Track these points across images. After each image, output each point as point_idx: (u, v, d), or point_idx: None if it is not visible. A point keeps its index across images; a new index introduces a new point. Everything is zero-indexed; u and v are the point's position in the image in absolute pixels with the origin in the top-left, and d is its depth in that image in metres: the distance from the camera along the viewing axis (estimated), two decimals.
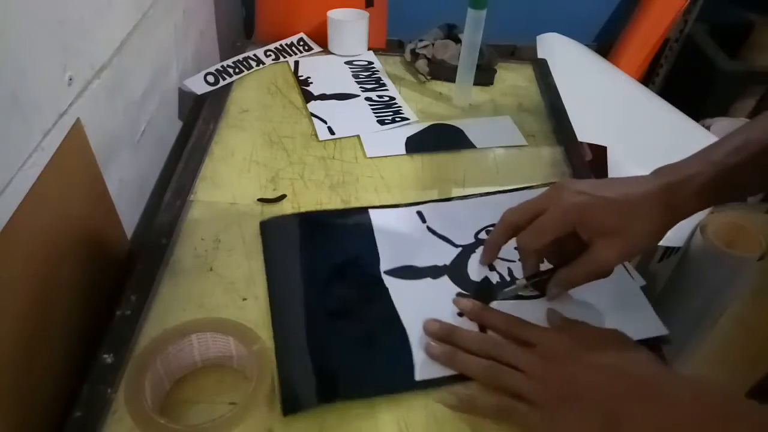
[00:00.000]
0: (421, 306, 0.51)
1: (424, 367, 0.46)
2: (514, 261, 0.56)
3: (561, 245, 0.50)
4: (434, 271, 0.56)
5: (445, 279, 0.55)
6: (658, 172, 0.48)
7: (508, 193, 0.65)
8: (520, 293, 0.52)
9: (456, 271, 0.56)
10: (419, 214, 0.62)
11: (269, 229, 0.58)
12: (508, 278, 0.55)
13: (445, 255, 0.57)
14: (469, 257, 0.57)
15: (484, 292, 0.53)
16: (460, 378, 0.46)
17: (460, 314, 0.51)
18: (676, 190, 0.46)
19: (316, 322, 0.49)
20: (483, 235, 0.59)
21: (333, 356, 0.47)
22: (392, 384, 0.45)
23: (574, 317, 0.50)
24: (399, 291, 0.53)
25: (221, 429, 0.37)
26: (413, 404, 0.44)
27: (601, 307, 0.51)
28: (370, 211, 0.61)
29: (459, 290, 0.53)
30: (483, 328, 0.50)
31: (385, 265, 0.56)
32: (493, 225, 0.59)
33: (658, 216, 0.46)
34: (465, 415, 0.44)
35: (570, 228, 0.48)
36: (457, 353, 0.46)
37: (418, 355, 0.47)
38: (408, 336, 0.49)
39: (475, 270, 0.56)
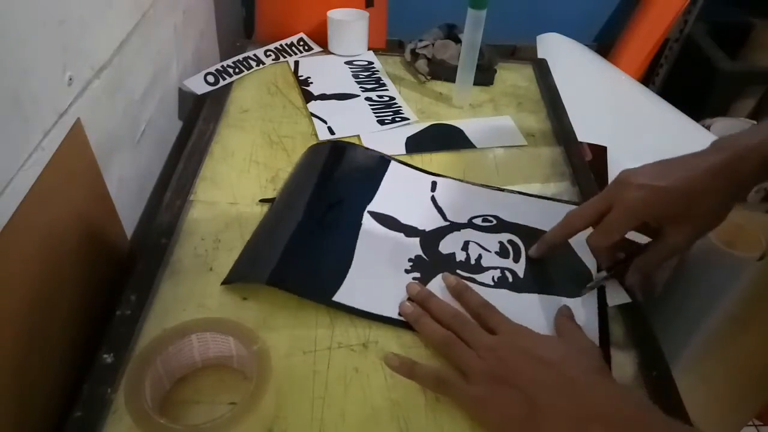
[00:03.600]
0: (379, 250, 0.56)
1: (343, 294, 0.51)
2: (489, 251, 0.57)
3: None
4: (410, 231, 0.59)
5: (415, 241, 0.58)
6: (718, 145, 0.48)
7: (533, 198, 0.65)
8: (602, 284, 0.54)
9: (430, 238, 0.58)
10: (433, 183, 0.65)
11: (309, 150, 0.67)
12: (473, 262, 0.56)
13: (430, 223, 0.60)
14: (449, 233, 0.59)
15: (444, 265, 0.55)
16: (373, 317, 0.50)
17: (408, 271, 0.54)
18: (739, 163, 0.46)
19: (292, 221, 0.56)
20: (478, 221, 0.61)
21: (285, 251, 0.53)
22: (312, 292, 0.50)
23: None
24: (369, 231, 0.58)
25: (221, 429, 0.37)
26: (413, 404, 0.45)
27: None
28: (392, 162, 0.66)
29: (421, 254, 0.56)
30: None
31: (372, 206, 0.60)
32: (491, 216, 0.61)
33: (723, 193, 0.47)
34: (464, 413, 0.44)
35: (638, 223, 0.50)
36: (423, 316, 0.49)
37: (347, 285, 0.52)
38: (351, 266, 0.54)
39: (448, 245, 0.58)
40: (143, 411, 0.38)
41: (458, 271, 0.55)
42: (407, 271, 0.54)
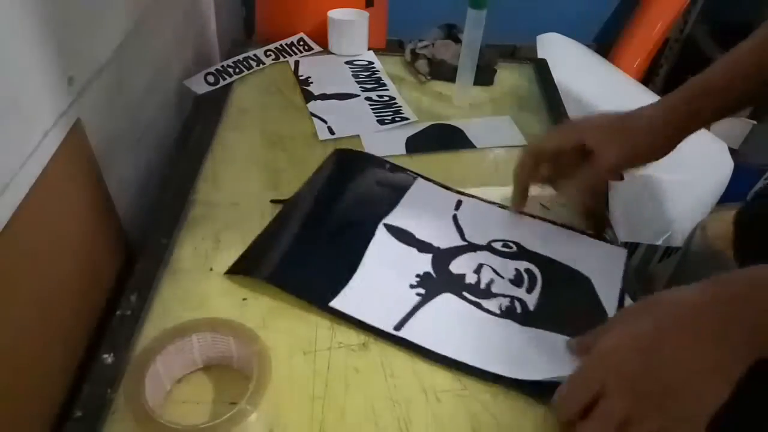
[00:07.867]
0: (387, 262, 0.55)
1: (341, 300, 0.50)
2: (503, 278, 0.54)
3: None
4: (424, 246, 0.57)
5: (427, 257, 0.56)
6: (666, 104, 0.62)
7: (558, 228, 0.61)
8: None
9: (442, 256, 0.56)
10: (458, 202, 0.64)
11: (333, 155, 0.67)
12: (483, 286, 0.53)
13: (446, 241, 0.58)
14: (465, 253, 0.57)
15: (451, 286, 0.53)
16: (367, 327, 0.49)
17: (413, 286, 0.53)
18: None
19: (304, 226, 0.57)
20: (497, 246, 0.58)
21: (290, 251, 0.54)
22: (310, 295, 0.50)
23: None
24: (381, 242, 0.56)
25: (221, 429, 0.37)
26: (413, 404, 0.45)
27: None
28: (419, 179, 0.65)
29: (430, 271, 0.54)
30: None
31: (389, 219, 0.59)
32: (512, 242, 0.59)
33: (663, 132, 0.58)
34: (464, 413, 0.44)
35: None
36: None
37: (347, 292, 0.51)
38: (355, 274, 0.53)
39: (460, 265, 0.56)
40: (143, 411, 0.38)
41: (465, 293, 0.52)
42: (412, 286, 0.53)
